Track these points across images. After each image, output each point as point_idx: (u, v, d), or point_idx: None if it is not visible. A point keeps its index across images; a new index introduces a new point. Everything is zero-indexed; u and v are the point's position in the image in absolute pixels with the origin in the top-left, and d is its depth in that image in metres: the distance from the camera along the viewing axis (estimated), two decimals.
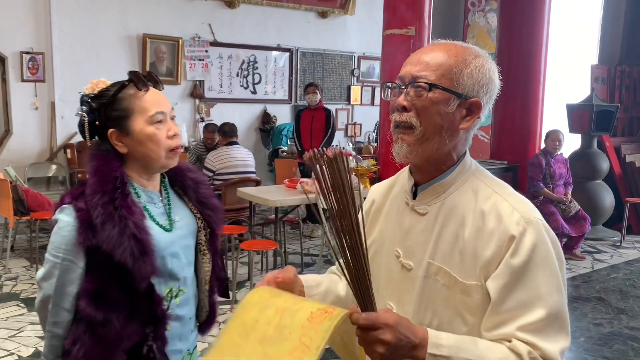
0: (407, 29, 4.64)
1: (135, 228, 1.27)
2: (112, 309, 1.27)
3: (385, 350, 0.92)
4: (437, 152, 1.10)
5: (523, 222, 1.03)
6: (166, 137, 1.35)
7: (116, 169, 1.33)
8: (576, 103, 6.45)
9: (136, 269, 1.26)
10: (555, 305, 1.00)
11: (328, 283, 1.27)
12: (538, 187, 5.37)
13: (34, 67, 6.28)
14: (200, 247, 1.48)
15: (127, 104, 1.33)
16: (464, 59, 1.08)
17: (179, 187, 1.48)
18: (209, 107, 7.37)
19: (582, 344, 3.66)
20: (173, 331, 1.39)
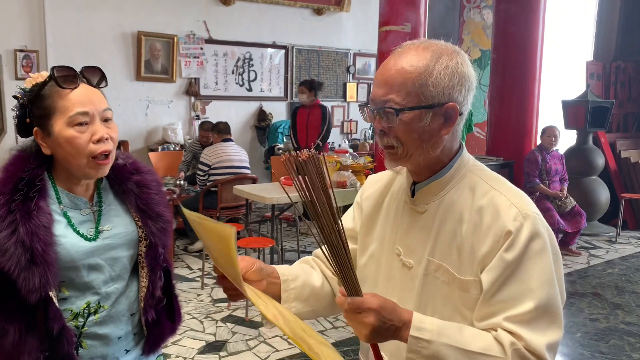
0: (403, 26, 4.63)
1: (26, 235, 1.14)
2: (8, 319, 1.17)
3: (369, 332, 0.98)
4: (425, 160, 1.11)
5: (520, 217, 1.04)
6: (89, 142, 1.21)
7: (28, 169, 1.21)
8: (571, 99, 6.46)
9: (21, 280, 1.13)
10: (545, 298, 1.00)
11: (304, 276, 1.26)
12: (534, 183, 5.38)
13: (28, 65, 6.24)
14: (140, 259, 1.35)
15: (50, 102, 1.21)
16: (425, 67, 1.05)
17: (118, 192, 1.35)
18: (204, 105, 7.35)
19: (578, 339, 3.67)
20: (92, 350, 1.28)
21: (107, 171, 1.28)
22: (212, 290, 4.33)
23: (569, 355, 3.46)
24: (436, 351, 0.98)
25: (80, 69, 1.26)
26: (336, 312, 1.34)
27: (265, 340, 3.48)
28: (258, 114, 7.78)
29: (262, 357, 3.27)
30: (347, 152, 5.19)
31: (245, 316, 3.82)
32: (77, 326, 1.26)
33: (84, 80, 1.25)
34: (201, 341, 3.46)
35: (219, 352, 3.32)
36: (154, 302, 1.36)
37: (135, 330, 1.37)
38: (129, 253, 1.34)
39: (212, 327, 3.66)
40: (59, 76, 1.21)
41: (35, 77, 1.25)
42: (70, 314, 1.25)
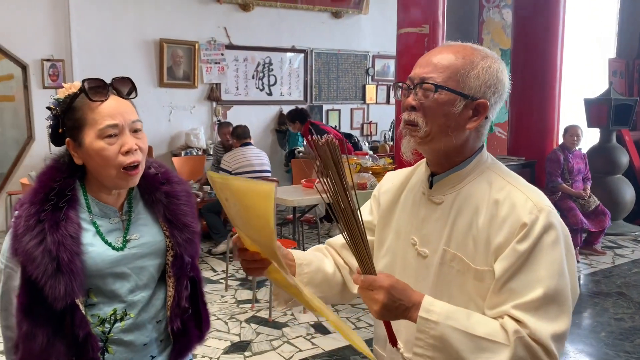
0: (421, 27, 4.64)
1: (53, 244, 1.17)
2: (37, 324, 1.21)
3: (379, 308, 1.04)
4: (446, 148, 1.14)
5: (536, 210, 1.07)
6: (118, 153, 1.23)
7: (59, 178, 1.25)
8: (594, 97, 6.39)
9: (47, 288, 1.17)
10: (554, 288, 1.03)
11: (317, 262, 1.31)
12: (556, 182, 5.34)
13: (54, 74, 6.41)
14: (167, 268, 1.36)
15: (80, 115, 1.24)
16: (471, 60, 1.11)
17: (148, 201, 1.36)
18: (225, 110, 7.46)
19: (603, 338, 3.64)
20: (117, 355, 1.31)
21: (137, 181, 1.29)
22: (236, 292, 4.40)
23: (594, 355, 3.44)
24: (442, 333, 1.01)
25: (111, 80, 1.27)
26: (346, 299, 1.39)
27: (289, 341, 3.53)
28: (278, 117, 7.86)
29: (286, 357, 3.32)
30: (367, 154, 5.22)
31: (269, 317, 3.87)
32: (103, 331, 1.30)
33: (113, 92, 1.26)
34: (226, 341, 3.52)
35: (244, 352, 3.37)
36: (180, 312, 1.37)
37: (161, 337, 1.39)
38: (156, 262, 1.35)
39: (236, 328, 3.72)
40: (89, 89, 1.23)
41: (67, 88, 1.27)
42: (97, 319, 1.29)
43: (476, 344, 1.01)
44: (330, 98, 8.39)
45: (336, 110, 8.44)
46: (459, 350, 1.01)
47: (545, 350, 1.01)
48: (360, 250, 1.05)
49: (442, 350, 1.03)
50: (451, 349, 1.02)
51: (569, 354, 3.46)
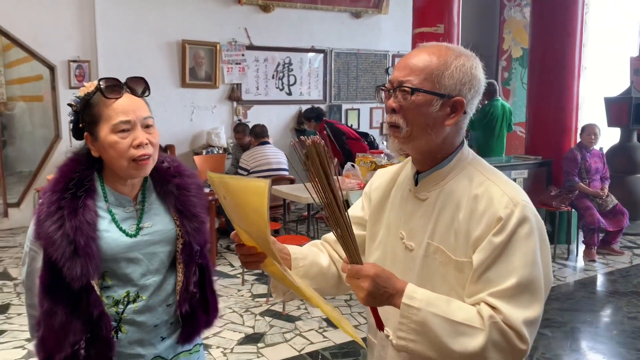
0: (436, 27, 4.70)
1: (71, 229, 1.28)
2: (57, 301, 1.31)
3: (365, 295, 1.11)
4: (427, 147, 1.21)
5: (511, 204, 1.13)
6: (130, 146, 1.33)
7: (78, 170, 1.36)
8: (614, 96, 6.33)
9: (65, 269, 1.28)
10: (527, 277, 1.09)
11: (312, 256, 1.39)
12: (573, 181, 5.32)
13: (80, 75, 6.62)
14: (177, 255, 1.46)
15: (96, 110, 1.35)
16: (445, 60, 1.17)
17: (160, 192, 1.47)
18: (246, 110, 7.59)
19: (614, 337, 3.64)
20: (130, 335, 1.40)
21: (148, 171, 1.39)
22: (252, 286, 4.51)
23: (606, 352, 3.45)
24: (424, 318, 1.09)
25: (125, 80, 1.38)
26: (341, 291, 1.46)
27: (301, 333, 3.62)
28: (298, 117, 7.96)
29: (298, 348, 3.41)
30: (382, 153, 5.28)
31: (283, 310, 3.97)
32: (117, 312, 1.39)
33: (127, 90, 1.37)
34: (240, 333, 3.63)
35: (257, 344, 3.48)
36: (188, 296, 1.46)
37: (171, 320, 1.48)
38: (167, 249, 1.45)
39: (251, 320, 3.83)
40: (105, 87, 1.34)
41: (87, 87, 1.38)
42: (112, 300, 1.39)
43: (454, 328, 1.08)
44: (349, 97, 8.45)
45: (355, 110, 8.50)
46: (438, 334, 1.08)
47: (517, 335, 1.07)
48: (347, 242, 1.12)
49: (423, 335, 1.10)
50: (431, 333, 1.09)
51: (580, 350, 3.47)
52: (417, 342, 1.10)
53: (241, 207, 1.12)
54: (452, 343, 1.07)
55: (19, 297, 4.22)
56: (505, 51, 9.00)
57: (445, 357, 1.09)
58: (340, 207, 1.09)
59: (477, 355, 1.06)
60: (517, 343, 1.07)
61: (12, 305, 4.07)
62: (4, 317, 3.86)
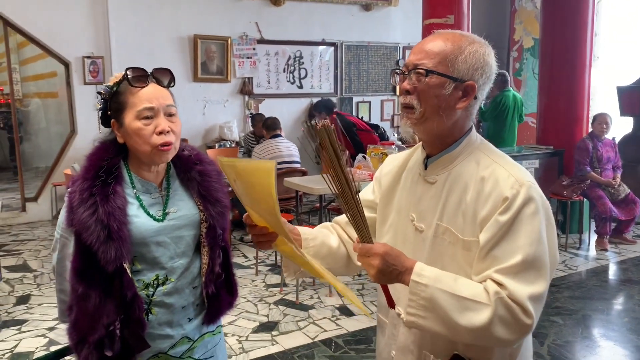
0: (446, 18, 4.71)
1: (104, 215, 1.33)
2: (91, 285, 1.37)
3: (375, 272, 1.16)
4: (438, 129, 1.25)
5: (517, 185, 1.17)
6: (153, 133, 1.39)
7: (107, 158, 1.41)
8: (627, 85, 6.30)
9: (100, 252, 1.33)
10: (532, 254, 1.13)
11: (322, 237, 1.44)
12: (585, 170, 5.32)
13: (94, 71, 6.72)
14: (201, 239, 1.52)
15: (123, 98, 1.41)
16: (459, 46, 1.22)
17: (183, 179, 1.53)
18: (257, 103, 7.65)
19: (625, 324, 3.66)
20: (160, 317, 1.47)
21: (170, 157, 1.45)
22: (266, 277, 4.58)
23: (617, 339, 3.47)
24: (432, 294, 1.13)
25: (152, 70, 1.44)
26: (351, 272, 1.51)
27: (315, 322, 3.68)
28: (309, 110, 8.00)
29: (311, 336, 3.47)
30: (393, 144, 5.31)
31: (296, 299, 4.03)
32: (147, 295, 1.45)
33: (153, 80, 1.43)
34: (255, 322, 3.70)
35: (271, 332, 3.54)
36: (213, 277, 1.53)
37: (197, 302, 1.54)
38: (192, 233, 1.51)
39: (265, 310, 3.90)
40: (132, 76, 1.40)
41: (117, 77, 1.44)
42: (142, 284, 1.46)
43: (461, 303, 1.12)
44: (360, 90, 8.48)
45: (366, 102, 8.53)
46: (446, 309, 1.13)
47: (522, 310, 1.11)
48: (358, 222, 1.18)
49: (431, 310, 1.14)
50: (440, 308, 1.13)
51: (592, 337, 3.50)
52: (426, 318, 1.15)
53: (251, 188, 1.17)
54: (459, 318, 1.11)
55: (38, 288, 4.33)
56: (516, 42, 8.97)
57: (453, 332, 1.14)
58: (351, 187, 1.14)
59: (483, 330, 1.10)
60: (522, 317, 1.10)
61: (32, 296, 4.17)
62: (25, 307, 3.97)
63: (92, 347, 1.40)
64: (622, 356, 3.29)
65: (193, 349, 1.56)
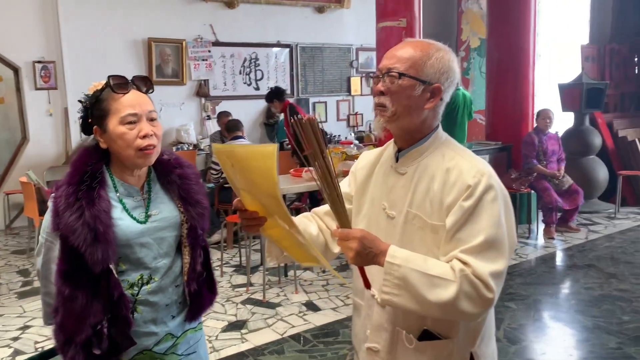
0: (398, 21, 4.89)
1: (90, 218, 1.38)
2: (77, 287, 1.41)
3: (353, 255, 1.28)
4: (409, 125, 1.40)
5: (479, 174, 1.32)
6: (136, 137, 1.44)
7: (91, 163, 1.46)
8: (567, 83, 6.68)
9: (87, 254, 1.38)
10: (493, 235, 1.28)
11: (303, 226, 1.54)
12: (532, 163, 5.62)
13: (46, 76, 6.59)
14: (182, 239, 1.58)
15: (105, 105, 1.46)
16: (427, 52, 1.37)
17: (164, 182, 1.58)
18: (214, 105, 7.66)
19: (573, 306, 3.94)
20: (144, 315, 1.52)
21: (153, 160, 1.51)
22: (232, 277, 4.64)
23: (566, 320, 3.73)
24: (404, 273, 1.26)
25: (132, 78, 1.50)
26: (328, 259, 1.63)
27: (282, 318, 3.78)
28: (266, 111, 8.07)
29: (280, 332, 3.57)
30: (352, 144, 5.47)
31: (263, 298, 4.12)
32: (132, 294, 1.50)
33: (134, 87, 1.49)
34: (224, 321, 3.77)
35: (241, 330, 3.62)
36: (195, 276, 1.59)
37: (180, 300, 1.60)
38: (174, 234, 1.56)
39: (233, 309, 3.97)
40: (113, 84, 1.46)
41: (96, 85, 1.51)
42: (127, 283, 1.51)
43: (431, 281, 1.26)
44: (316, 91, 8.62)
45: (322, 103, 8.68)
46: (417, 287, 1.26)
47: (485, 285, 1.25)
48: (338, 209, 1.30)
49: (404, 288, 1.27)
50: (411, 286, 1.26)
51: (543, 319, 3.75)
52: (400, 296, 1.28)
53: (249, 172, 1.24)
54: (429, 294, 1.25)
55: None
56: (463, 42, 9.31)
57: (424, 307, 1.27)
58: (332, 176, 1.26)
59: (450, 304, 1.24)
60: (484, 292, 1.24)
61: None
62: None
63: (79, 347, 1.45)
64: (570, 336, 3.55)
65: (176, 345, 1.63)
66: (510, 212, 1.36)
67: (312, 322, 3.71)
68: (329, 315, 3.81)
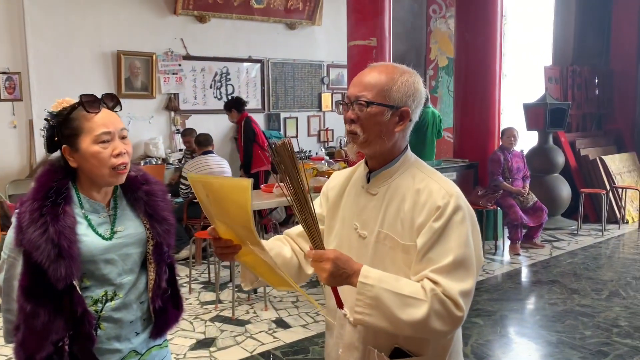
0: (369, 40, 4.98)
1: (54, 234, 1.38)
2: (39, 303, 1.40)
3: (327, 276, 1.29)
4: (380, 149, 1.43)
5: (447, 196, 1.36)
6: (110, 156, 1.46)
7: (56, 180, 1.46)
8: (531, 102, 6.88)
9: (50, 271, 1.37)
10: (461, 255, 1.31)
11: (277, 249, 1.57)
12: (498, 181, 5.75)
13: (10, 87, 6.43)
14: (148, 256, 1.58)
15: (77, 124, 1.46)
16: (392, 77, 1.40)
17: (130, 199, 1.59)
18: (184, 119, 7.60)
19: (537, 321, 4.02)
20: (108, 331, 1.51)
21: (124, 179, 1.53)
22: (200, 294, 4.58)
23: (530, 335, 3.81)
24: (377, 293, 1.28)
25: (101, 96, 1.51)
26: (301, 280, 1.64)
27: (252, 336, 3.75)
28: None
29: (250, 350, 3.54)
30: (322, 159, 5.51)
31: (232, 315, 4.08)
32: (96, 310, 1.50)
33: (104, 105, 1.50)
34: (192, 339, 3.72)
35: (209, 348, 3.58)
36: (160, 292, 1.59)
37: (144, 316, 1.60)
38: (139, 250, 1.57)
39: (201, 327, 3.92)
40: (86, 103, 1.46)
41: (60, 102, 1.49)
42: (90, 300, 1.50)
43: (402, 301, 1.28)
44: (287, 106, 8.64)
45: (293, 118, 8.70)
46: (389, 306, 1.28)
47: (454, 304, 1.28)
48: (311, 230, 1.31)
49: (377, 308, 1.29)
50: (384, 306, 1.28)
51: (509, 335, 3.81)
52: (372, 315, 1.30)
53: (224, 203, 1.26)
54: (401, 313, 1.27)
55: None
56: (432, 60, 9.49)
57: (396, 326, 1.29)
58: (306, 198, 1.27)
59: (421, 323, 1.27)
60: (454, 311, 1.27)
61: None
62: None
63: None
64: (535, 351, 3.62)
65: None
66: (477, 232, 1.40)
67: (281, 340, 3.69)
68: (298, 332, 3.80)
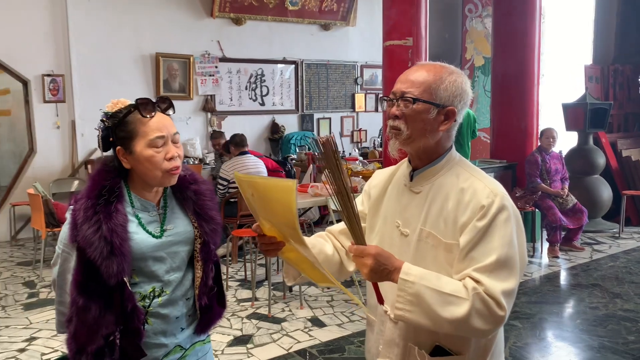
0: (405, 40, 4.95)
1: (107, 231, 1.42)
2: (91, 298, 1.44)
3: (368, 271, 1.30)
4: (424, 147, 1.43)
5: (492, 195, 1.35)
6: (164, 159, 1.49)
7: (109, 179, 1.50)
8: (571, 102, 6.73)
9: (103, 267, 1.41)
10: (505, 255, 1.30)
11: (319, 246, 1.59)
12: (536, 182, 5.65)
13: (54, 89, 6.66)
14: (195, 254, 1.61)
15: (132, 127, 1.49)
16: (440, 76, 1.40)
17: (179, 198, 1.62)
18: (220, 120, 7.73)
19: (578, 325, 3.93)
20: (155, 326, 1.55)
21: (176, 180, 1.56)
22: (237, 292, 4.65)
23: (571, 339, 3.73)
24: (418, 290, 1.29)
25: (156, 99, 1.53)
26: (343, 277, 1.65)
27: (288, 333, 3.79)
28: (271, 126, 8.14)
29: (286, 347, 3.57)
30: (357, 160, 5.51)
31: (269, 313, 4.13)
32: (144, 306, 1.53)
33: (158, 109, 1.52)
34: (229, 336, 3.77)
35: (246, 345, 3.63)
36: (207, 290, 1.63)
37: (190, 313, 1.64)
38: (187, 248, 1.60)
39: (238, 324, 3.97)
40: (141, 107, 1.49)
41: (115, 103, 1.54)
42: (139, 295, 1.54)
43: (444, 298, 1.28)
44: (321, 107, 8.69)
45: (327, 119, 8.74)
46: (430, 303, 1.28)
47: (497, 303, 1.27)
48: (353, 226, 1.32)
49: (417, 305, 1.29)
50: (424, 303, 1.29)
51: (547, 339, 3.75)
52: (413, 312, 1.30)
53: (269, 203, 1.29)
54: (442, 311, 1.27)
55: (4, 310, 4.27)
56: (468, 60, 9.38)
57: (437, 324, 1.29)
58: (349, 194, 1.29)
59: (463, 321, 1.26)
60: (496, 310, 1.27)
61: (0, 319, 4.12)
62: None
63: (91, 357, 1.47)
64: (575, 355, 3.55)
65: (185, 357, 1.66)
66: (521, 232, 1.39)
67: (317, 338, 3.71)
68: (334, 331, 3.82)
